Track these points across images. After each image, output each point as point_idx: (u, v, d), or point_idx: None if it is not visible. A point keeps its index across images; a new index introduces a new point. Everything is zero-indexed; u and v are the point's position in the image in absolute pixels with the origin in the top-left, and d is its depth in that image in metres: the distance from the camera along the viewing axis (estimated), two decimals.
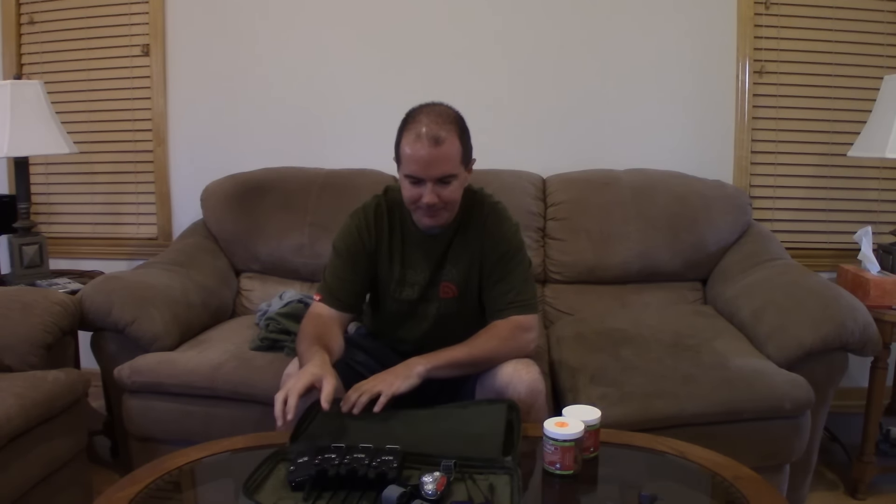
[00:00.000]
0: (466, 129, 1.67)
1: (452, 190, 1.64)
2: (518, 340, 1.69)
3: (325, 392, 1.42)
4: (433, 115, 1.61)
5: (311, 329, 1.68)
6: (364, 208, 1.79)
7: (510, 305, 1.71)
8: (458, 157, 1.62)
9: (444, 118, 1.61)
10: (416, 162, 1.59)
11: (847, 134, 2.66)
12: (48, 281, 2.55)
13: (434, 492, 1.21)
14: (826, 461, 2.43)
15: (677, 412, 1.86)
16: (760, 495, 1.28)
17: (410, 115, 1.65)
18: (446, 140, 1.59)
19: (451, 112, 1.65)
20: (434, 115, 1.61)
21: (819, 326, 1.96)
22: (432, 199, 1.61)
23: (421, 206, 1.64)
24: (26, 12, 3.06)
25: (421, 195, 1.62)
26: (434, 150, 1.57)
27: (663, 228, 2.55)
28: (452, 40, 2.89)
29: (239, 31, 2.97)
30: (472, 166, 1.73)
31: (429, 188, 1.61)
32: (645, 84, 2.85)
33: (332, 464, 1.26)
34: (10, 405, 1.72)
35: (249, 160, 2.89)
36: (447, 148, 1.59)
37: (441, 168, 1.59)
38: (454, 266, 1.76)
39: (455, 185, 1.64)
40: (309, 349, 1.58)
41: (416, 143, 1.58)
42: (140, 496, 1.30)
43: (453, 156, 1.61)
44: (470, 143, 1.68)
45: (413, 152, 1.59)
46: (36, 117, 2.51)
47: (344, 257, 1.76)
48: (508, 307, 1.71)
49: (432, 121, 1.60)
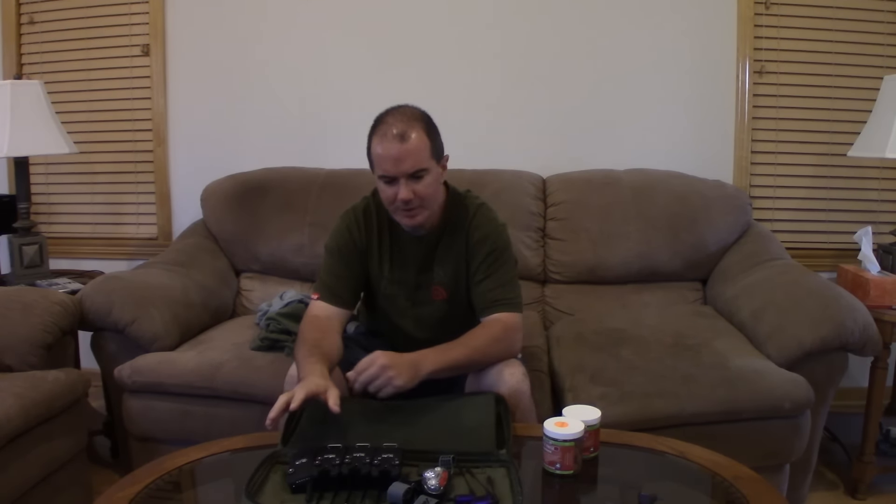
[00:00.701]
0: (434, 125, 1.70)
1: (426, 185, 1.66)
2: (508, 341, 1.70)
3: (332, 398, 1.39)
4: (398, 114, 1.66)
5: (310, 335, 1.67)
6: (354, 209, 1.82)
7: (496, 303, 1.72)
8: (426, 150, 1.65)
9: (408, 116, 1.65)
10: (385, 160, 1.63)
11: (847, 134, 2.66)
12: (48, 281, 2.55)
13: (437, 487, 1.22)
14: (826, 461, 2.43)
15: (677, 412, 1.86)
16: (760, 495, 1.28)
17: (377, 119, 1.69)
18: (412, 135, 1.62)
19: (416, 111, 1.69)
20: (399, 115, 1.65)
21: (819, 326, 1.96)
22: (407, 195, 1.63)
23: (398, 204, 1.66)
24: (26, 12, 3.06)
25: (396, 194, 1.64)
26: (401, 146, 1.61)
27: (663, 228, 2.55)
28: (452, 40, 2.89)
29: (239, 31, 2.97)
30: (447, 163, 1.75)
31: (402, 184, 1.63)
32: (645, 84, 2.85)
33: (332, 464, 1.26)
34: (9, 405, 1.72)
35: (249, 160, 2.89)
36: (414, 143, 1.62)
37: (410, 162, 1.62)
38: (441, 268, 1.78)
39: (428, 180, 1.66)
40: (307, 360, 1.55)
41: (384, 142, 1.62)
42: (140, 496, 1.30)
43: (421, 150, 1.64)
44: (439, 139, 1.71)
45: (382, 151, 1.62)
46: (36, 117, 2.51)
47: (337, 256, 1.79)
48: (494, 305, 1.71)
49: (397, 119, 1.64)
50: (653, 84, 2.84)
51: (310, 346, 1.62)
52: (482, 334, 1.68)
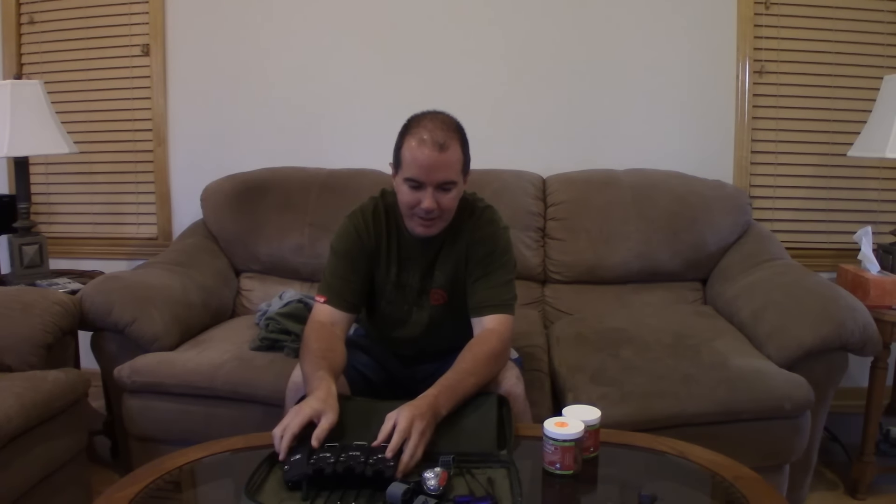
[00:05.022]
0: (467, 139, 1.67)
1: (451, 198, 1.64)
2: (505, 354, 1.67)
3: (319, 428, 1.37)
4: (437, 121, 1.62)
5: (315, 344, 1.62)
6: (362, 210, 1.79)
7: (490, 305, 1.69)
8: (459, 164, 1.63)
9: (448, 125, 1.62)
10: (419, 166, 1.59)
11: (847, 134, 2.66)
12: (48, 281, 2.55)
13: (436, 487, 1.22)
14: (826, 461, 2.43)
15: (677, 412, 1.86)
16: (760, 495, 1.28)
17: (414, 120, 1.65)
18: (450, 147, 1.59)
19: (454, 121, 1.66)
20: (438, 122, 1.62)
21: (819, 326, 1.96)
22: (431, 205, 1.60)
23: (418, 212, 1.63)
24: (26, 12, 3.06)
25: (420, 200, 1.61)
26: (438, 155, 1.58)
27: (663, 228, 2.55)
28: (453, 41, 2.89)
29: (239, 31, 2.97)
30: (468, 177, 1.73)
31: (429, 193, 1.60)
32: (645, 84, 2.85)
33: (327, 462, 1.26)
34: (10, 405, 1.72)
35: (249, 160, 2.89)
36: (451, 154, 1.60)
37: (443, 173, 1.60)
38: (442, 271, 1.76)
39: (454, 194, 1.64)
40: (314, 374, 1.52)
41: (421, 147, 1.58)
42: (140, 496, 1.30)
43: (455, 163, 1.62)
44: (469, 154, 1.69)
45: (417, 156, 1.58)
46: (36, 117, 2.51)
47: (344, 258, 1.75)
48: (488, 307, 1.69)
49: (437, 126, 1.60)
50: (653, 84, 2.84)
51: (317, 359, 1.57)
52: (482, 354, 1.61)
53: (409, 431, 1.33)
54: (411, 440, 1.32)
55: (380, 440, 1.34)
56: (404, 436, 1.32)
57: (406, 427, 1.33)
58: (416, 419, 1.35)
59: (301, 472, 1.26)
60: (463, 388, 1.51)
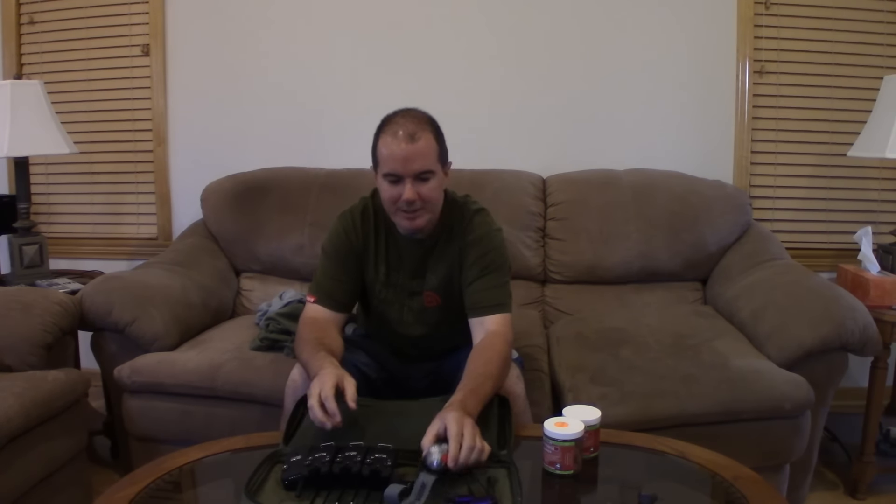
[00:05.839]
0: (440, 130, 1.71)
1: (431, 188, 1.66)
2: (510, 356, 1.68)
3: (349, 393, 1.43)
4: (409, 116, 1.66)
5: (309, 335, 1.67)
6: (351, 210, 1.81)
7: (489, 306, 1.70)
8: (434, 154, 1.66)
9: (418, 118, 1.66)
10: (394, 159, 1.62)
11: (847, 134, 2.66)
12: (48, 281, 2.55)
13: (439, 463, 1.22)
14: (826, 461, 2.43)
15: (677, 412, 1.86)
16: (760, 495, 1.28)
17: (385, 119, 1.69)
18: (422, 137, 1.63)
19: (425, 114, 1.70)
20: (409, 116, 1.66)
21: (819, 326, 1.96)
22: (412, 195, 1.62)
23: (401, 205, 1.65)
24: (26, 12, 3.06)
25: (400, 194, 1.64)
26: (411, 146, 1.61)
27: (663, 228, 2.55)
28: (452, 41, 2.89)
29: (239, 31, 2.97)
30: (449, 170, 1.75)
31: (408, 184, 1.63)
32: (645, 84, 2.85)
33: (323, 462, 1.26)
34: (10, 405, 1.72)
35: (249, 160, 2.89)
36: (423, 144, 1.63)
37: (419, 163, 1.62)
38: (434, 273, 1.77)
39: (433, 183, 1.66)
40: (315, 355, 1.57)
41: (395, 141, 1.62)
42: (140, 496, 1.30)
43: (430, 152, 1.65)
44: (445, 145, 1.71)
45: (392, 150, 1.62)
46: (36, 117, 2.51)
47: (334, 258, 1.78)
48: (487, 307, 1.70)
49: (408, 120, 1.64)
50: (653, 84, 2.84)
51: (314, 344, 1.62)
52: (495, 357, 1.61)
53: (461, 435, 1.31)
54: (466, 439, 1.30)
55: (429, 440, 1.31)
56: (459, 441, 1.30)
57: (458, 432, 1.31)
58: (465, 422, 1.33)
59: (298, 471, 1.26)
60: (484, 391, 1.51)
